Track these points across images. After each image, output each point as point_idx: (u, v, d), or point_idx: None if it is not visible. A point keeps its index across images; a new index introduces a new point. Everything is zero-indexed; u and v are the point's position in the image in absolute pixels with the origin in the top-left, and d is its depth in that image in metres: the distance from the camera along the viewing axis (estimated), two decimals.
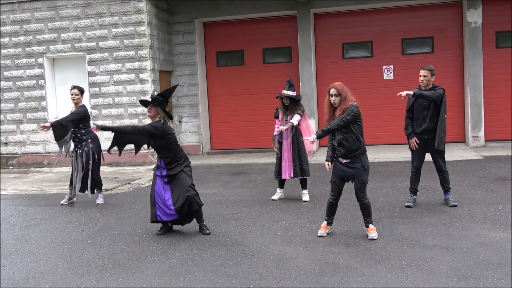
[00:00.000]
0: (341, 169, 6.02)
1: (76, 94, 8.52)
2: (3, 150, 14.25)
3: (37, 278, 5.29)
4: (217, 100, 15.06)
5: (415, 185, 7.50)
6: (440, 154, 7.36)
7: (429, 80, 7.21)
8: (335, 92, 5.89)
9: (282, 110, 8.14)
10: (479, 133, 13.24)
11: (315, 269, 5.13)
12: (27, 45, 13.77)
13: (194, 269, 5.30)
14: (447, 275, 4.83)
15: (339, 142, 5.95)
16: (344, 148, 5.93)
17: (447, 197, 7.44)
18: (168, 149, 6.43)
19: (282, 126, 8.05)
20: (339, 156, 6.03)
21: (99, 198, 8.72)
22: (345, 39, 14.27)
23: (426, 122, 7.24)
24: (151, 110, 6.41)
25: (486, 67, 13.29)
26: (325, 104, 6.03)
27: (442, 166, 7.39)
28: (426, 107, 7.22)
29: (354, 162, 5.95)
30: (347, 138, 5.90)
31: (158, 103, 6.38)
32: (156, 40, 13.49)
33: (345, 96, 5.88)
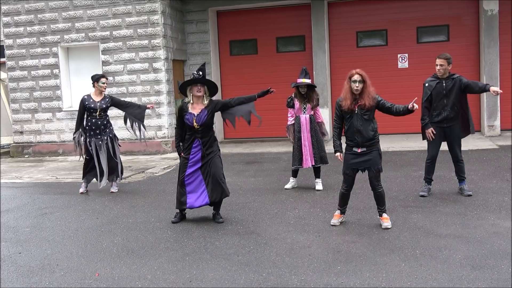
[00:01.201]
0: (354, 160, 5.97)
1: (107, 82, 8.79)
2: (18, 139, 14.38)
3: (52, 265, 5.35)
4: (231, 89, 15.03)
5: (430, 174, 7.44)
6: (459, 143, 7.28)
7: (446, 69, 7.12)
8: (360, 78, 5.79)
9: (298, 99, 8.07)
10: (494, 122, 13.10)
11: (328, 258, 5.13)
12: (42, 35, 13.85)
13: (207, 257, 5.32)
14: (461, 264, 4.79)
15: (356, 129, 5.86)
16: (362, 136, 5.86)
17: (462, 186, 7.38)
18: (212, 127, 6.51)
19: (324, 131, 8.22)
20: (352, 146, 5.97)
21: (114, 187, 8.79)
22: (359, 27, 14.15)
23: (447, 111, 7.14)
24: (201, 89, 6.38)
25: (503, 56, 13.11)
26: (344, 90, 5.90)
27: (458, 155, 7.31)
28: (445, 95, 7.13)
29: (371, 151, 5.90)
30: (366, 126, 5.85)
31: (207, 81, 6.43)
32: (170, 29, 13.49)
33: (369, 83, 5.83)
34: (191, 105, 6.42)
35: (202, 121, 6.35)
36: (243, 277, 4.75)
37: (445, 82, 7.13)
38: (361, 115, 5.86)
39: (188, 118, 6.36)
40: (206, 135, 6.45)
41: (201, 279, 4.75)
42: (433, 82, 7.21)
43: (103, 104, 8.52)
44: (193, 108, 6.41)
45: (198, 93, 6.36)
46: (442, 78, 7.15)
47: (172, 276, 4.88)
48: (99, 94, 8.60)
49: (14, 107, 14.34)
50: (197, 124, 6.33)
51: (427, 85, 7.26)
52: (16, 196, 8.94)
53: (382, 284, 4.45)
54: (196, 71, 6.39)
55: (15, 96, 14.27)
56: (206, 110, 6.38)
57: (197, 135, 6.42)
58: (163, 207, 7.48)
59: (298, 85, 7.98)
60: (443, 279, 4.48)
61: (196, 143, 6.43)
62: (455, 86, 7.12)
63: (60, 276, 5.01)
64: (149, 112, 13.24)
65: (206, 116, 6.35)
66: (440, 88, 7.15)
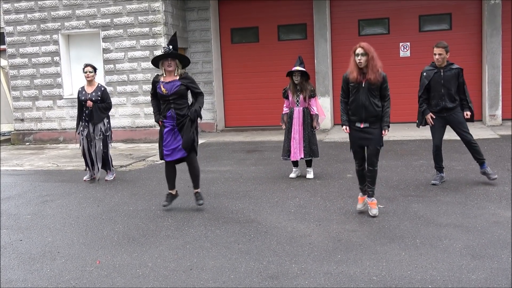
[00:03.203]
0: (358, 136, 5.94)
1: (90, 71, 8.54)
2: (19, 126, 14.38)
3: (53, 252, 5.36)
4: (232, 78, 15.01)
5: (438, 163, 7.36)
6: (465, 126, 7.17)
7: (444, 57, 7.07)
8: (362, 51, 5.73)
9: (291, 89, 8.05)
10: (496, 111, 13.08)
11: (328, 247, 5.14)
12: (42, 22, 13.79)
13: (207, 245, 5.33)
14: (461, 253, 4.80)
15: (362, 104, 5.81)
16: (366, 111, 5.82)
17: (485, 169, 7.24)
18: (186, 98, 6.52)
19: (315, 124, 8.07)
20: (356, 120, 5.93)
21: (109, 175, 8.80)
22: (361, 15, 14.07)
23: (445, 101, 7.11)
24: (171, 64, 6.40)
25: (505, 45, 13.05)
26: (351, 64, 5.84)
27: (470, 138, 7.17)
28: (443, 85, 7.10)
29: (373, 128, 5.88)
30: (372, 101, 5.81)
31: (177, 55, 6.40)
32: (171, 17, 13.42)
33: (372, 56, 5.74)
34: (163, 77, 6.50)
35: (174, 90, 6.39)
36: (244, 265, 4.76)
37: (443, 72, 7.09)
38: (368, 90, 5.81)
39: (159, 86, 6.46)
40: (179, 106, 6.46)
41: (202, 267, 4.77)
42: (431, 71, 7.16)
43: (93, 96, 8.49)
44: (164, 79, 6.49)
45: (169, 68, 6.42)
46: (440, 67, 7.11)
47: (172, 264, 4.89)
48: (91, 85, 8.60)
49: (15, 95, 14.32)
50: (166, 90, 6.38)
51: (425, 74, 7.21)
52: (17, 183, 8.95)
53: (382, 272, 4.46)
54: (167, 45, 6.38)
55: (15, 83, 14.24)
56: (180, 81, 6.44)
57: (170, 105, 6.45)
58: (164, 195, 7.46)
59: (292, 72, 7.95)
60: (443, 268, 4.49)
61: (170, 112, 6.47)
62: (454, 77, 7.08)
63: (61, 264, 5.03)
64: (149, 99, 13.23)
65: (178, 86, 6.40)
66: (438, 78, 7.11)
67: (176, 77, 6.45)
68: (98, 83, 8.68)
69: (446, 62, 7.11)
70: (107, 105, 8.63)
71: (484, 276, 4.30)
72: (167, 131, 6.50)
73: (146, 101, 13.33)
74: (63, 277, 4.71)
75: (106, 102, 8.60)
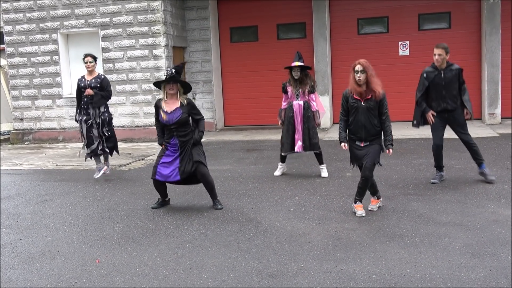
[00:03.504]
0: (359, 154, 5.97)
1: (90, 61, 8.56)
2: (19, 126, 14.37)
3: (52, 251, 5.36)
4: (231, 77, 15.00)
5: (439, 162, 7.36)
6: (465, 128, 7.17)
7: (444, 58, 7.06)
8: (361, 68, 5.75)
9: (292, 84, 8.06)
10: (495, 110, 13.08)
11: (328, 245, 5.14)
12: (41, 21, 13.78)
13: (207, 244, 5.34)
14: (460, 252, 4.81)
15: (362, 124, 5.87)
16: (366, 131, 5.88)
17: (483, 170, 7.26)
18: (188, 124, 6.52)
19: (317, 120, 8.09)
20: (355, 139, 5.98)
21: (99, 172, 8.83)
22: (360, 14, 14.06)
23: (446, 102, 7.09)
24: (173, 88, 6.39)
25: (504, 43, 13.05)
26: (350, 81, 5.87)
27: (469, 139, 7.18)
28: (444, 86, 7.07)
29: (372, 144, 5.93)
30: (372, 121, 5.86)
31: (178, 80, 6.40)
32: (170, 16, 13.42)
33: (371, 74, 5.78)
34: (164, 102, 6.48)
35: (175, 119, 6.39)
36: (243, 264, 4.76)
37: (444, 73, 7.08)
38: (367, 109, 5.85)
39: (161, 116, 6.46)
40: (182, 132, 6.47)
41: (201, 266, 4.77)
42: (432, 73, 7.14)
43: (92, 82, 8.51)
44: (166, 104, 6.46)
45: (171, 91, 6.42)
46: (441, 68, 7.10)
47: (172, 262, 4.89)
48: (91, 74, 8.63)
49: (14, 94, 14.31)
50: (168, 119, 6.40)
51: (425, 75, 7.18)
52: (16, 183, 8.95)
53: (382, 271, 4.46)
54: (170, 68, 6.40)
55: (15, 82, 14.23)
56: (181, 110, 6.41)
57: (173, 133, 6.48)
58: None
59: (291, 68, 7.95)
60: (443, 267, 4.49)
61: (173, 140, 6.49)
62: (455, 77, 7.07)
63: (60, 263, 5.03)
64: (149, 99, 13.25)
65: (179, 116, 6.40)
66: (439, 80, 7.09)
67: (178, 102, 6.43)
68: (98, 73, 8.72)
69: (446, 63, 7.10)
70: (107, 93, 8.63)
71: (483, 274, 4.30)
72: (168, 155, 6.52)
73: (145, 100, 13.33)
74: (62, 276, 4.71)
75: (106, 90, 8.60)
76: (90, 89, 8.44)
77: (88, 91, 8.43)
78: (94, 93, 8.48)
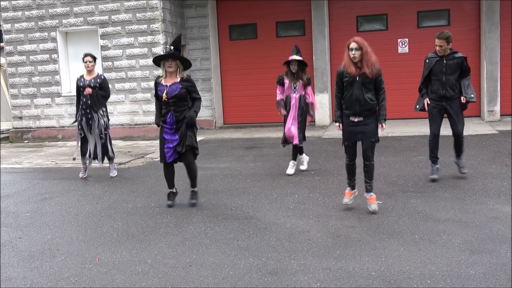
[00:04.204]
0: (352, 131, 5.93)
1: (90, 61, 8.54)
2: (18, 124, 14.37)
3: (52, 249, 5.37)
4: (230, 74, 14.99)
5: (434, 152, 7.33)
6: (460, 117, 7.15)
7: (446, 48, 7.02)
8: (356, 46, 5.74)
9: (289, 77, 8.12)
10: (494, 107, 13.08)
11: (328, 243, 5.15)
12: (40, 19, 13.76)
13: (207, 242, 5.34)
14: (459, 249, 4.81)
15: (356, 98, 5.80)
16: (360, 105, 5.82)
17: (459, 161, 7.34)
18: (186, 101, 6.51)
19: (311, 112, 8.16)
20: (350, 114, 5.91)
21: (113, 171, 8.81)
22: (359, 11, 14.06)
23: (445, 89, 7.07)
24: (171, 65, 6.38)
25: (503, 40, 13.04)
26: (345, 59, 5.84)
27: (459, 129, 7.15)
28: (444, 73, 7.05)
29: (368, 121, 5.87)
30: (366, 95, 5.81)
31: (177, 57, 6.39)
32: (169, 14, 13.41)
33: (366, 50, 5.77)
34: (164, 79, 6.50)
35: (173, 93, 6.37)
36: (243, 262, 4.77)
37: (446, 60, 7.06)
38: (362, 83, 5.81)
39: (160, 89, 6.46)
40: (179, 108, 6.45)
41: (201, 264, 4.77)
42: (434, 59, 7.14)
43: (92, 82, 8.49)
44: (165, 81, 6.48)
45: (170, 69, 6.41)
46: (443, 55, 7.09)
47: (172, 260, 4.90)
48: (90, 74, 8.62)
49: (13, 92, 14.30)
50: (166, 96, 6.37)
51: (427, 61, 7.21)
52: (16, 181, 8.95)
53: (381, 268, 4.47)
54: (169, 45, 6.37)
55: (14, 81, 14.22)
56: (180, 84, 6.41)
57: (170, 108, 6.45)
58: (163, 192, 7.48)
59: (289, 62, 8.01)
60: (442, 264, 4.50)
61: (169, 117, 6.47)
62: (457, 65, 7.05)
63: (60, 261, 5.03)
64: (148, 97, 13.24)
65: (178, 89, 6.38)
66: (440, 66, 7.08)
67: (177, 79, 6.44)
68: (98, 73, 8.71)
69: (449, 51, 7.08)
70: (106, 93, 8.63)
71: (482, 271, 4.31)
72: (167, 133, 6.52)
73: (144, 98, 13.32)
74: (62, 274, 4.71)
75: (104, 90, 8.60)
76: (89, 88, 8.43)
77: (88, 90, 8.41)
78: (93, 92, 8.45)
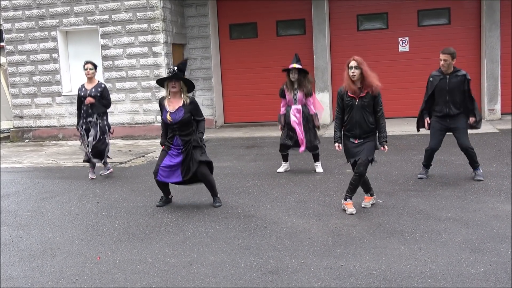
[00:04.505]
0: (353, 151, 5.97)
1: (90, 69, 8.52)
2: (18, 123, 14.37)
3: (53, 248, 5.37)
4: (230, 73, 14.99)
5: (429, 162, 7.42)
6: (464, 133, 7.15)
7: (450, 63, 7.00)
8: (355, 64, 5.76)
9: (288, 87, 8.04)
10: (495, 106, 13.08)
11: (328, 241, 5.15)
12: (40, 19, 13.77)
13: (207, 241, 5.34)
14: (460, 247, 4.82)
15: (356, 122, 5.87)
16: (361, 129, 5.88)
17: (476, 171, 7.23)
18: (191, 124, 6.49)
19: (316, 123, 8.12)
20: (350, 136, 5.99)
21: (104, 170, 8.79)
22: (359, 10, 14.05)
23: (448, 107, 7.06)
24: (175, 86, 6.36)
25: (504, 39, 13.04)
26: (345, 78, 5.87)
27: (467, 144, 7.11)
28: (448, 91, 7.04)
29: (367, 141, 5.93)
30: (366, 119, 5.86)
31: (181, 78, 6.36)
32: (169, 13, 13.40)
33: (366, 69, 5.78)
34: (167, 100, 6.45)
35: (178, 119, 6.36)
36: (244, 261, 4.77)
37: (449, 78, 7.05)
38: (362, 106, 5.85)
39: (164, 115, 6.44)
40: (184, 132, 6.45)
41: (202, 262, 4.78)
42: (437, 77, 7.13)
43: (93, 92, 8.48)
44: (169, 103, 6.43)
45: (173, 89, 6.38)
46: (446, 73, 7.08)
47: (173, 259, 4.90)
48: (91, 82, 8.59)
49: (14, 92, 14.31)
50: (171, 119, 6.36)
51: (431, 79, 7.19)
52: (16, 180, 8.95)
53: (382, 267, 4.47)
54: (173, 66, 6.36)
55: (14, 80, 14.23)
56: (183, 109, 6.38)
57: (175, 132, 6.45)
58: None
59: (288, 70, 7.95)
60: (443, 262, 4.50)
61: (176, 140, 6.46)
62: (459, 84, 7.03)
63: (61, 260, 5.04)
64: (148, 96, 13.25)
65: (182, 115, 6.37)
66: (444, 84, 7.07)
67: (181, 101, 6.39)
68: (98, 81, 8.69)
69: (452, 68, 7.08)
70: (107, 102, 8.61)
71: (483, 270, 4.31)
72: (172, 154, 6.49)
73: (145, 97, 13.33)
74: (63, 273, 4.72)
75: (106, 99, 8.59)
76: (90, 98, 8.43)
77: (89, 99, 8.41)
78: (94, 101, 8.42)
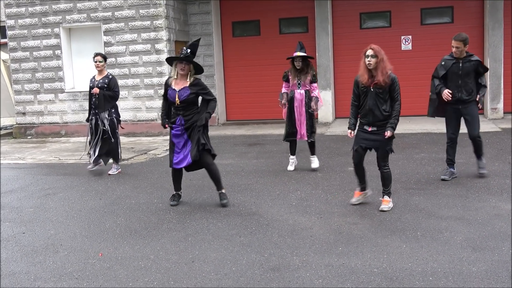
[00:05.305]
0: (365, 138, 5.96)
1: (100, 61, 8.53)
2: (21, 120, 14.40)
3: (56, 245, 5.39)
4: (233, 71, 15.00)
5: (451, 155, 7.30)
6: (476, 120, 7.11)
7: (462, 50, 6.94)
8: (372, 53, 5.75)
9: (293, 74, 8.09)
10: (498, 105, 13.06)
11: (330, 239, 5.16)
12: (43, 15, 13.78)
13: (209, 238, 5.36)
14: (461, 246, 4.82)
15: (370, 109, 5.86)
16: (373, 115, 5.86)
17: (480, 161, 7.26)
18: (196, 104, 6.49)
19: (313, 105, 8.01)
20: (364, 123, 5.98)
21: (113, 169, 8.80)
22: (362, 8, 14.04)
23: (461, 92, 7.02)
24: (184, 68, 6.32)
25: (507, 38, 13.02)
26: (361, 66, 5.87)
27: (476, 134, 7.10)
28: (460, 76, 7.00)
29: (381, 131, 5.88)
30: (380, 106, 5.84)
31: (192, 61, 6.35)
32: (172, 10, 13.41)
33: (382, 58, 5.77)
34: (174, 80, 6.43)
35: (183, 98, 6.33)
36: (245, 258, 4.78)
37: (462, 63, 7.01)
38: (376, 94, 5.83)
39: (170, 93, 6.41)
40: (188, 112, 6.43)
41: (204, 260, 4.79)
42: (450, 61, 7.06)
43: (99, 83, 8.49)
44: (176, 83, 6.41)
45: (182, 71, 6.35)
46: (459, 58, 7.07)
47: (174, 256, 4.92)
48: (101, 74, 8.61)
49: (17, 88, 14.33)
50: (178, 99, 6.33)
51: (443, 63, 7.11)
52: (19, 177, 8.98)
53: (383, 265, 4.48)
54: (186, 48, 6.31)
55: (17, 77, 14.25)
56: (189, 89, 6.36)
57: (179, 112, 6.42)
58: (166, 188, 7.51)
59: (293, 58, 7.99)
60: (444, 260, 4.51)
61: (178, 120, 6.44)
62: (472, 68, 6.99)
63: (63, 256, 5.05)
64: (151, 93, 13.26)
65: (187, 94, 6.34)
66: (456, 69, 7.02)
67: (187, 83, 6.38)
68: (108, 72, 8.71)
69: (465, 53, 7.05)
70: (114, 94, 8.55)
71: (484, 268, 4.32)
72: (176, 135, 6.49)
73: (147, 94, 13.34)
74: (65, 269, 4.73)
75: (113, 90, 8.54)
76: (96, 88, 8.44)
77: (95, 90, 8.43)
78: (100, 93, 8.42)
